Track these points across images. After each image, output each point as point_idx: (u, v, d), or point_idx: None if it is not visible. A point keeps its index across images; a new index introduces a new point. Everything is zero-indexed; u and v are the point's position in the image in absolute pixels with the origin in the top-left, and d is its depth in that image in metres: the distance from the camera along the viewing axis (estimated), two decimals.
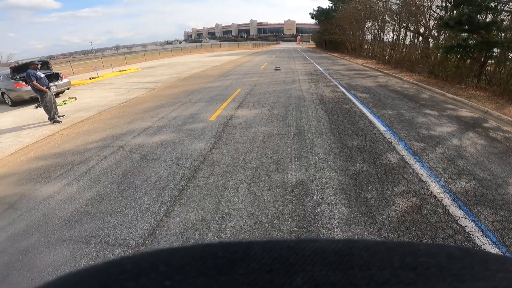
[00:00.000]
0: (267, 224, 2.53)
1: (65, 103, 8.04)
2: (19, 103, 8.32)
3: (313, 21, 46.59)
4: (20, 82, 7.97)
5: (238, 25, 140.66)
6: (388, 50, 18.02)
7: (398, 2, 15.78)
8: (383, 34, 20.28)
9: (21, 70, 7.96)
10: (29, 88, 6.26)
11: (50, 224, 2.70)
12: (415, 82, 9.58)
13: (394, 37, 17.92)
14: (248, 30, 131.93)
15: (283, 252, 0.20)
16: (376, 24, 20.93)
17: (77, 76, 14.70)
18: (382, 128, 4.96)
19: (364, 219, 2.57)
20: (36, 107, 7.70)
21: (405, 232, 2.39)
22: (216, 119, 5.77)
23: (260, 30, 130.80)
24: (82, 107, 7.71)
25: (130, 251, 2.28)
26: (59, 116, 6.45)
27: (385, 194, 2.93)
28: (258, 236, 2.39)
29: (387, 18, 18.50)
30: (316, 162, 3.68)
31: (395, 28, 17.61)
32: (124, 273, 0.18)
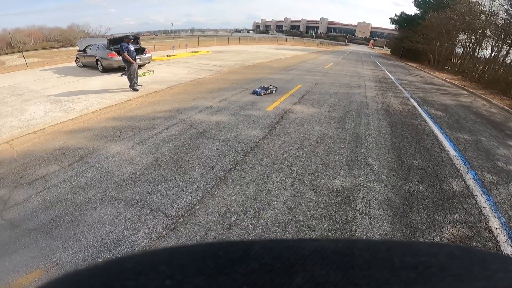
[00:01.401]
0: (302, 223, 2.48)
1: (144, 75, 9.09)
2: (108, 70, 9.74)
3: (391, 26, 42.54)
4: (113, 52, 9.27)
5: (308, 21, 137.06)
6: (481, 67, 15.38)
7: (507, 17, 13.20)
8: (479, 49, 17.35)
9: (115, 43, 9.28)
10: (119, 58, 7.29)
11: (109, 181, 3.01)
12: (506, 107, 8.07)
13: (493, 54, 15.17)
14: (317, 27, 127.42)
15: (284, 251, 0.20)
16: (472, 37, 17.99)
17: (157, 53, 16.36)
18: (452, 152, 4.34)
19: (405, 239, 2.34)
20: (121, 75, 8.92)
21: None
22: (273, 110, 5.81)
23: (329, 29, 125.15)
24: (157, 80, 8.63)
25: (169, 221, 2.41)
26: (138, 85, 7.37)
27: (436, 220, 2.66)
28: (291, 232, 2.36)
29: (489, 33, 15.73)
30: (367, 173, 3.44)
31: (497, 44, 14.88)
32: (125, 272, 0.19)
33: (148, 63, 10.94)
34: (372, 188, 3.12)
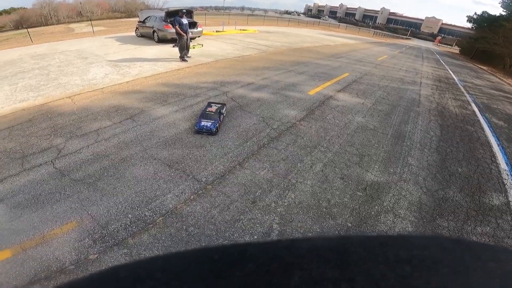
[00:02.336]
0: (325, 209, 2.47)
1: (193, 47, 9.47)
2: (162, 41, 10.31)
3: (465, 25, 37.25)
4: (169, 24, 9.72)
5: (365, 9, 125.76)
6: None
7: None
8: None
9: (171, 15, 9.68)
10: (173, 30, 7.65)
11: (151, 140, 3.25)
12: None
13: None
14: (376, 17, 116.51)
15: (279, 251, 0.20)
16: None
17: (207, 28, 16.66)
18: (504, 166, 3.85)
19: None
20: (173, 46, 9.41)
21: None
22: (315, 94, 5.68)
23: (390, 20, 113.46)
24: (205, 53, 8.92)
25: (198, 186, 2.53)
26: (188, 57, 7.75)
27: (464, 229, 2.47)
28: (311, 216, 2.37)
29: None
30: (404, 172, 3.25)
31: None
32: (120, 282, 0.18)
33: (199, 36, 11.31)
34: (405, 187, 2.96)
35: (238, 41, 12.60)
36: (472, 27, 35.55)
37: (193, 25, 10.40)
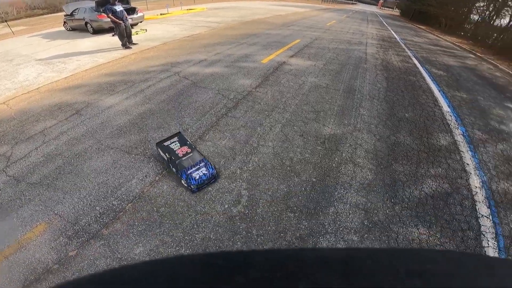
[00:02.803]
0: (289, 168, 2.58)
1: (137, 33, 8.80)
2: (99, 31, 9.39)
3: None
4: (102, 14, 8.83)
5: None
6: (495, 34, 14.45)
7: None
8: (495, 17, 16.16)
9: (102, 4, 8.86)
10: (109, 19, 7.00)
11: (104, 131, 3.08)
12: None
13: (511, 23, 14.13)
14: None
15: (284, 260, 0.20)
16: (492, 5, 16.63)
17: (150, 12, 15.44)
18: (446, 108, 4.33)
19: (385, 189, 2.44)
20: (113, 35, 8.64)
21: (419, 214, 2.24)
22: (268, 62, 5.71)
23: None
24: (150, 37, 8.31)
25: (162, 167, 2.48)
26: (133, 44, 7.22)
27: (418, 173, 2.71)
28: (276, 177, 2.45)
29: (510, 2, 14.54)
30: (357, 122, 3.50)
31: None
32: (124, 283, 0.18)
33: (141, 22, 10.56)
34: (360, 137, 3.20)
35: (186, 21, 11.89)
36: None
37: (131, 11, 9.75)
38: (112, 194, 2.22)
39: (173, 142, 2.58)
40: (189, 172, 2.32)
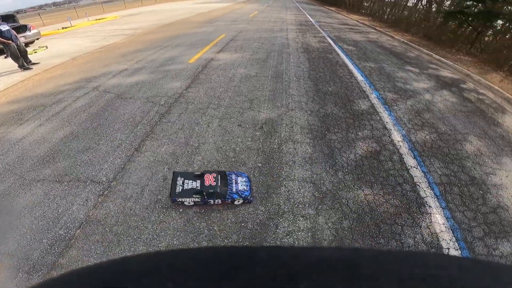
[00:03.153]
0: (233, 159, 2.62)
1: (35, 52, 7.66)
2: None
3: None
4: None
5: None
6: (388, 9, 16.86)
7: None
8: None
9: None
10: None
11: (24, 165, 2.68)
12: (406, 41, 9.22)
13: None
14: None
15: (288, 259, 0.20)
16: None
17: (48, 27, 13.54)
18: (360, 78, 4.93)
19: (325, 159, 2.65)
20: (6, 57, 7.30)
21: (360, 176, 2.47)
22: (196, 61, 5.59)
23: None
24: (54, 54, 7.27)
25: (101, 187, 2.32)
26: (32, 64, 6.30)
27: (349, 138, 3.02)
28: (224, 168, 2.46)
29: None
30: (288, 103, 3.72)
31: None
32: (127, 273, 0.18)
33: (37, 39, 9.27)
34: (294, 115, 3.41)
35: (97, 32, 10.72)
36: None
37: (23, 28, 8.60)
38: (54, 224, 2.05)
39: (185, 183, 2.13)
40: (235, 189, 2.11)
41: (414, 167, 2.65)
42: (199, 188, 2.07)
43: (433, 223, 2.07)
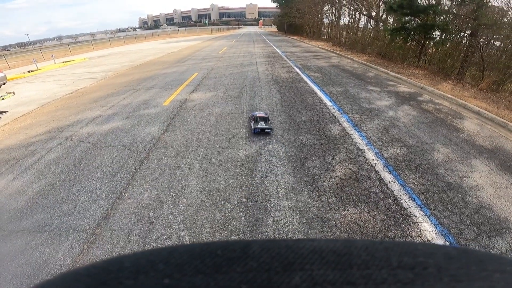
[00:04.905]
0: (218, 197, 2.69)
1: (2, 99, 7.32)
2: None
3: (274, 5, 46.35)
4: None
5: (198, 9, 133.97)
6: (344, 33, 18.71)
7: None
8: (339, 18, 20.91)
9: None
10: None
11: (1, 218, 2.60)
12: (364, 62, 10.23)
13: (350, 21, 18.53)
14: (209, 14, 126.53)
15: (282, 251, 0.20)
16: (333, 7, 21.50)
17: (14, 70, 13.08)
18: (329, 103, 5.38)
19: (307, 187, 2.81)
20: None
21: (343, 197, 2.65)
22: (170, 103, 5.73)
23: (221, 15, 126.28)
24: (22, 101, 7.04)
25: (86, 235, 2.31)
26: (0, 113, 5.98)
27: (327, 163, 3.23)
28: (209, 209, 2.53)
29: (344, 2, 19.12)
30: (265, 137, 3.93)
31: (350, 12, 18.20)
32: (123, 271, 0.18)
33: (4, 83, 8.83)
34: (271, 149, 3.60)
35: (65, 75, 10.61)
36: (276, 6, 44.23)
37: None
38: (40, 271, 2.03)
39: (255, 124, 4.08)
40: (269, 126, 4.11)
41: (391, 181, 2.86)
42: (261, 126, 3.96)
43: (422, 231, 2.24)
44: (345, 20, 20.28)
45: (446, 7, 9.04)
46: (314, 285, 0.17)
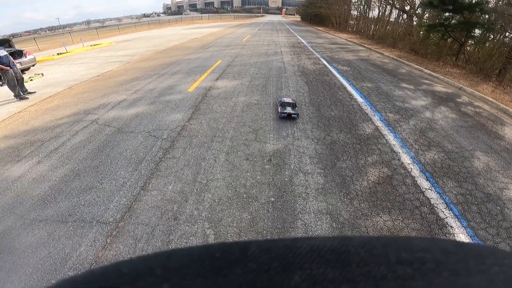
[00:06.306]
0: (245, 195, 2.54)
1: (31, 80, 7.53)
2: None
3: None
4: None
5: None
6: (373, 26, 17.79)
7: None
8: (368, 10, 19.88)
9: None
10: None
11: (24, 204, 2.57)
12: (395, 57, 9.62)
13: (380, 14, 17.61)
14: (232, 1, 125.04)
15: (281, 251, 0.20)
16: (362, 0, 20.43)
17: (44, 53, 13.56)
18: (360, 99, 5.01)
19: (338, 189, 2.61)
20: (1, 85, 7.17)
21: (376, 202, 2.45)
22: (195, 90, 5.58)
23: (244, 2, 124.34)
24: (50, 82, 7.20)
25: (109, 228, 2.23)
26: (28, 93, 6.19)
27: (359, 164, 3.00)
28: (235, 207, 2.40)
29: None
30: (294, 131, 3.69)
31: (381, 5, 17.27)
32: (121, 277, 0.18)
33: (33, 65, 9.14)
34: (301, 145, 3.37)
35: (92, 58, 10.81)
36: None
37: (18, 54, 8.51)
38: (62, 265, 1.96)
39: (282, 108, 4.08)
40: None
41: (428, 189, 2.65)
42: (288, 111, 3.98)
43: None
44: (374, 13, 19.25)
45: (490, 5, 8.32)
46: (314, 284, 0.17)
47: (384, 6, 16.89)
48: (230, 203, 2.44)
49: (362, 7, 20.74)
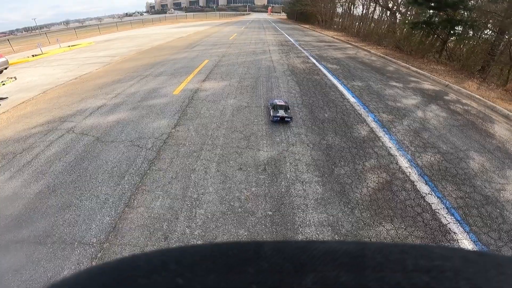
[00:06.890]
0: (240, 209, 2.35)
1: (3, 84, 6.99)
2: None
3: None
4: None
5: None
6: (357, 23, 17.94)
7: None
8: (353, 8, 20.03)
9: None
10: None
11: None
12: (382, 55, 9.68)
13: (364, 11, 17.78)
14: (217, 0, 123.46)
15: (294, 252, 0.20)
16: None
17: (18, 55, 12.75)
18: (352, 99, 4.91)
19: (338, 198, 2.48)
20: None
21: (377, 211, 2.34)
22: (181, 93, 5.28)
23: (229, 0, 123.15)
24: (23, 87, 6.68)
25: (93, 249, 2.01)
26: (0, 99, 5.64)
27: (357, 170, 2.87)
28: (231, 223, 2.22)
29: None
30: (288, 137, 3.51)
31: (365, 2, 17.42)
32: (137, 270, 0.18)
33: (6, 68, 8.52)
34: (295, 151, 3.19)
35: (70, 60, 10.18)
36: None
37: None
38: None
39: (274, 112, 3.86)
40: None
41: (428, 193, 2.58)
42: (281, 115, 3.78)
43: None
44: (358, 10, 19.45)
45: (475, 3, 8.55)
46: (326, 287, 0.17)
47: (368, 3, 17.05)
48: (225, 219, 2.25)
49: (346, 4, 20.90)
